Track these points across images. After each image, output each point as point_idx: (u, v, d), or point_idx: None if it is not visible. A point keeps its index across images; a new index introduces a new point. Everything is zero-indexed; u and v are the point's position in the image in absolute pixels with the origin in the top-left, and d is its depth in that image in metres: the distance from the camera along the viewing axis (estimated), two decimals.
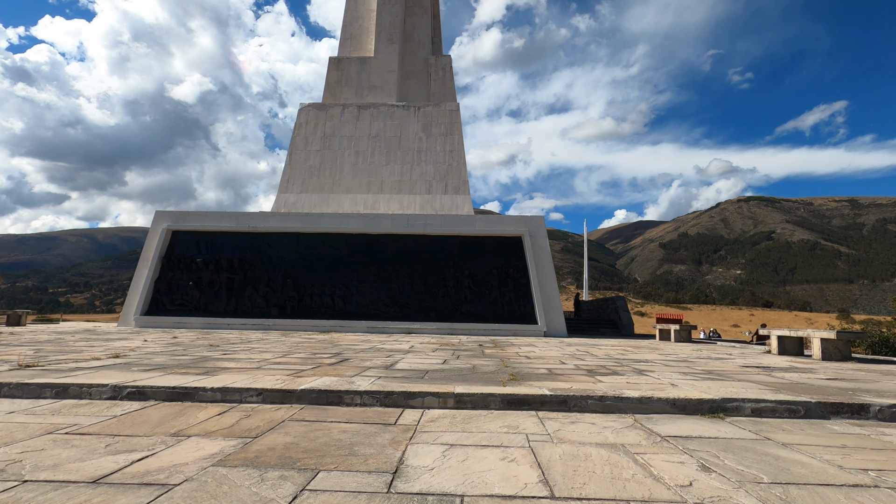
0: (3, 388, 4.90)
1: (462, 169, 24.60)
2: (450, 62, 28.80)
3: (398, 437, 3.60)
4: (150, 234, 21.03)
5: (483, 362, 7.93)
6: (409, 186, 24.61)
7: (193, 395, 4.78)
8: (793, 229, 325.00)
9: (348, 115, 25.89)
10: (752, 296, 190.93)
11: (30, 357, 7.42)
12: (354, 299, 19.99)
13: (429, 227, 20.56)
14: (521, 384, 5.40)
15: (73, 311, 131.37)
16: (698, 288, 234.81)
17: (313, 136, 25.61)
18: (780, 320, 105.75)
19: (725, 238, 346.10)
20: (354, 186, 24.69)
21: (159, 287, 20.24)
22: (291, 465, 2.92)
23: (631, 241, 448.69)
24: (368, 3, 29.80)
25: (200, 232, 21.02)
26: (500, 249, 20.44)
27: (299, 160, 25.25)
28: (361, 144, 25.38)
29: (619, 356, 9.83)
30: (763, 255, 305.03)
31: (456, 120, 25.45)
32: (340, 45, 29.25)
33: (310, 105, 26.24)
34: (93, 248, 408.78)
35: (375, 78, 27.72)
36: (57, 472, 2.75)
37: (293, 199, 24.52)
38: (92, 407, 4.46)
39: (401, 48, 28.54)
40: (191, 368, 6.34)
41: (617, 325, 26.55)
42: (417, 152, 25.15)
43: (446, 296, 19.89)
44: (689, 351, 12.02)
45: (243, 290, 20.25)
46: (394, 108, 26.00)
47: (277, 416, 4.20)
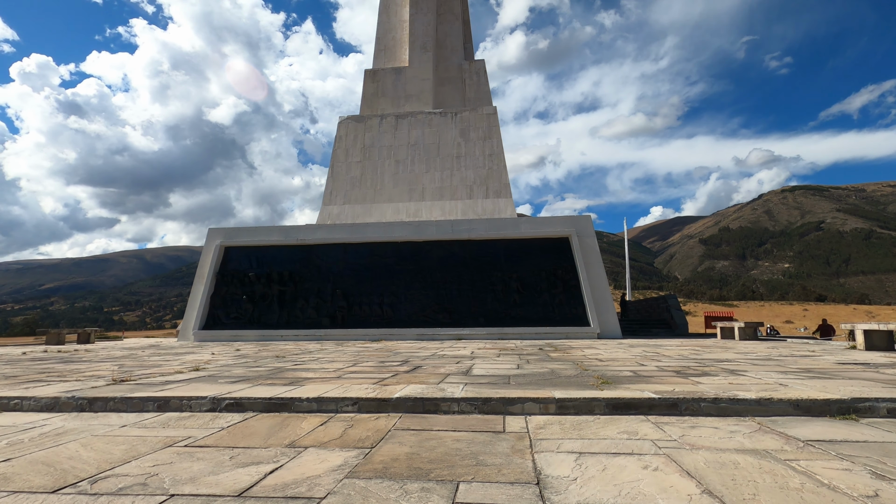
0: (108, 402, 5.04)
1: (503, 172, 24.41)
2: (483, 66, 28.74)
3: (516, 445, 3.46)
4: (205, 252, 21.73)
5: (557, 366, 7.71)
6: (450, 192, 24.59)
7: (290, 405, 4.79)
8: (844, 218, 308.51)
9: (386, 126, 26.15)
10: (802, 290, 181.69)
11: (117, 372, 7.68)
12: (403, 307, 20.03)
13: (474, 232, 20.45)
14: (617, 387, 5.17)
15: (127, 328, 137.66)
16: (744, 284, 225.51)
17: (353, 148, 25.98)
18: (838, 315, 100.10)
19: (770, 231, 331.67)
20: (396, 195, 24.87)
21: (215, 302, 20.86)
22: (425, 476, 2.82)
23: (669, 238, 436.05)
24: (401, 14, 30.14)
25: (251, 247, 21.58)
26: (546, 251, 20.10)
27: (341, 172, 25.64)
28: (401, 153, 25.57)
29: (694, 356, 9.40)
30: (813, 246, 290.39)
31: (494, 123, 25.32)
32: (375, 58, 29.66)
33: (348, 118, 26.66)
34: (142, 268, 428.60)
35: (411, 87, 27.93)
36: (198, 485, 2.74)
37: (337, 211, 24.89)
38: (196, 419, 4.51)
39: (434, 56, 28.69)
40: (273, 379, 6.39)
41: (669, 324, 25.66)
42: (457, 158, 25.13)
43: (495, 300, 19.68)
44: (765, 349, 11.40)
45: (294, 302, 20.63)
46: (431, 116, 26.11)
47: (380, 425, 4.13)
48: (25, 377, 7.26)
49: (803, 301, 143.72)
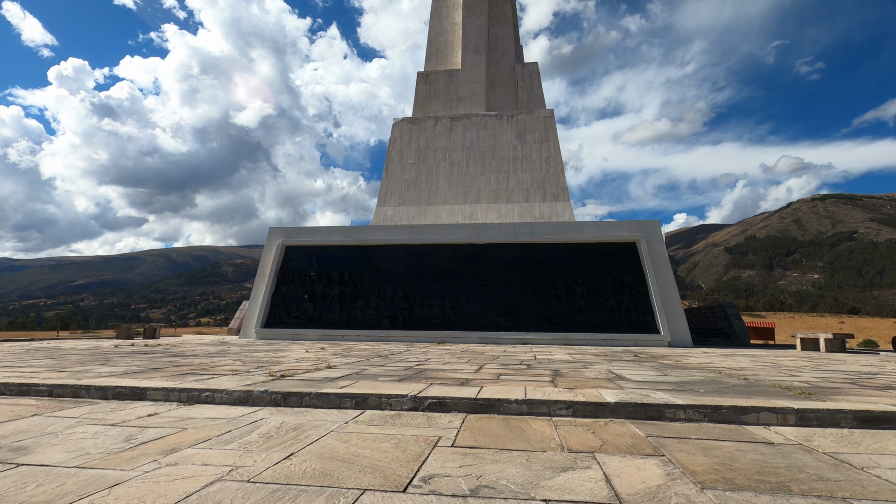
0: (304, 397, 4.95)
1: (560, 175, 24.13)
2: (537, 69, 28.53)
3: (821, 458, 3.23)
4: (266, 251, 21.91)
5: (701, 375, 7.42)
6: (506, 195, 24.39)
7: (498, 406, 4.63)
8: (878, 228, 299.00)
9: (441, 128, 26.11)
10: (835, 302, 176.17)
11: (247, 366, 7.65)
12: (464, 310, 19.86)
13: (536, 236, 20.20)
14: (828, 399, 4.89)
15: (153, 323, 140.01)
16: (771, 294, 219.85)
17: (408, 150, 25.99)
18: (878, 329, 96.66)
19: (799, 240, 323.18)
20: (451, 197, 24.77)
21: (276, 301, 20.99)
22: (806, 493, 2.62)
23: (692, 245, 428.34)
24: (452, 16, 30.15)
25: (312, 247, 21.68)
26: (612, 256, 19.74)
27: (395, 174, 25.67)
28: (455, 155, 25.48)
29: (830, 367, 8.99)
30: (844, 257, 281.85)
31: (551, 126, 25.07)
32: (427, 60, 29.70)
33: (403, 120, 26.71)
34: (168, 267, 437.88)
35: (463, 89, 27.87)
36: (565, 493, 2.58)
37: (391, 213, 24.89)
38: (413, 418, 4.38)
39: (487, 59, 28.60)
40: (431, 379, 6.26)
41: (728, 334, 24.96)
42: (513, 160, 24.93)
43: (559, 305, 19.37)
44: (878, 361, 10.90)
45: (355, 302, 20.64)
46: (486, 118, 25.98)
47: (626, 431, 3.93)
48: (170, 371, 7.28)
49: (836, 313, 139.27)
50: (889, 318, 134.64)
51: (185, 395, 5.20)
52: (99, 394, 5.38)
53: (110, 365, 8.17)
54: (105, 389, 5.40)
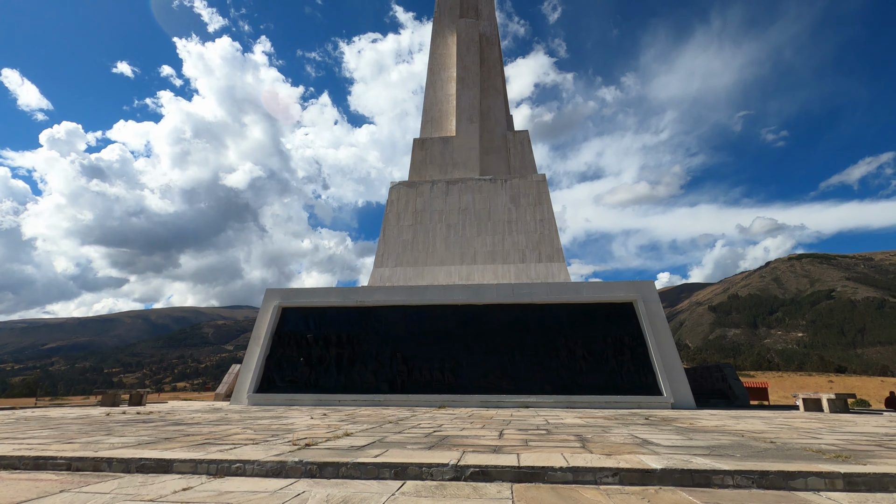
0: (340, 467, 4.82)
1: (554, 237, 24.73)
2: (527, 137, 29.97)
3: None
4: (262, 313, 21.64)
5: (726, 439, 7.38)
6: (502, 256, 24.79)
7: (542, 475, 4.57)
8: (855, 286, 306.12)
9: (437, 191, 26.89)
10: (821, 360, 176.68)
11: (264, 435, 7.40)
12: (464, 372, 19.55)
13: (535, 296, 20.37)
14: (874, 462, 4.93)
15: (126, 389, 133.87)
16: (758, 353, 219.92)
17: (405, 212, 26.55)
18: (865, 388, 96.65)
19: (780, 298, 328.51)
20: (448, 258, 25.07)
21: (270, 364, 20.47)
22: None
23: (677, 304, 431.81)
24: (447, 89, 31.91)
25: (309, 308, 21.49)
26: (611, 316, 19.89)
27: (392, 235, 26.04)
28: (452, 218, 26.07)
29: (847, 429, 9.00)
30: (825, 315, 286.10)
31: (543, 190, 25.99)
32: (422, 128, 31.05)
33: (400, 183, 27.48)
34: (146, 329, 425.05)
35: (458, 155, 29.00)
36: None
37: (388, 273, 25.01)
38: (456, 489, 4.29)
39: (480, 127, 30.02)
40: (456, 447, 6.13)
41: (727, 395, 24.79)
42: (508, 223, 25.57)
43: (560, 367, 19.22)
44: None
45: (352, 366, 20.21)
46: (481, 182, 26.89)
47: (680, 499, 3.91)
48: (184, 441, 7.01)
49: (823, 372, 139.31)
50: (875, 376, 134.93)
51: (213, 466, 5.02)
52: (122, 467, 5.17)
53: (116, 435, 7.83)
54: (128, 462, 5.20)
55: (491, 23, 33.53)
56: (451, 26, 33.42)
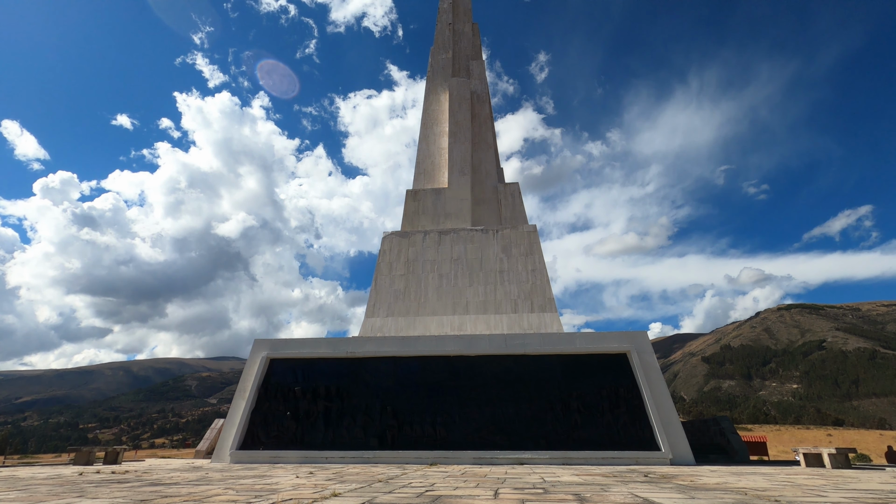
0: None
1: (546, 287, 24.79)
2: (518, 189, 30.66)
3: None
4: (248, 364, 21.11)
5: (730, 498, 7.13)
6: (494, 306, 24.70)
7: None
8: (845, 337, 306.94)
9: (429, 241, 27.10)
10: (817, 413, 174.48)
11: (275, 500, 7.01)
12: (457, 427, 18.96)
13: (528, 347, 20.15)
14: None
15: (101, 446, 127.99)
16: (754, 406, 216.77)
17: (397, 262, 26.62)
18: (864, 441, 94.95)
19: (773, 349, 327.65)
20: (440, 308, 24.92)
21: (255, 419, 19.75)
22: None
23: (671, 355, 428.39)
24: (439, 142, 32.89)
25: (297, 360, 21.02)
26: (605, 368, 19.65)
27: (384, 285, 25.96)
28: (444, 268, 26.15)
29: (846, 486, 8.74)
30: (818, 366, 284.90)
31: (535, 241, 26.31)
32: (415, 180, 31.71)
33: (392, 233, 27.71)
34: (127, 381, 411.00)
35: (450, 206, 29.49)
36: None
37: (380, 323, 24.72)
38: None
39: (471, 179, 30.73)
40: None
41: (725, 450, 24.16)
42: (499, 273, 25.67)
43: (555, 420, 18.73)
44: None
45: (341, 420, 19.54)
46: (473, 233, 27.20)
47: None
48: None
49: (820, 425, 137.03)
50: (874, 429, 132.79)
51: None
52: None
53: (89, 497, 7.39)
54: None
55: (482, 82, 35.09)
56: (444, 85, 34.91)
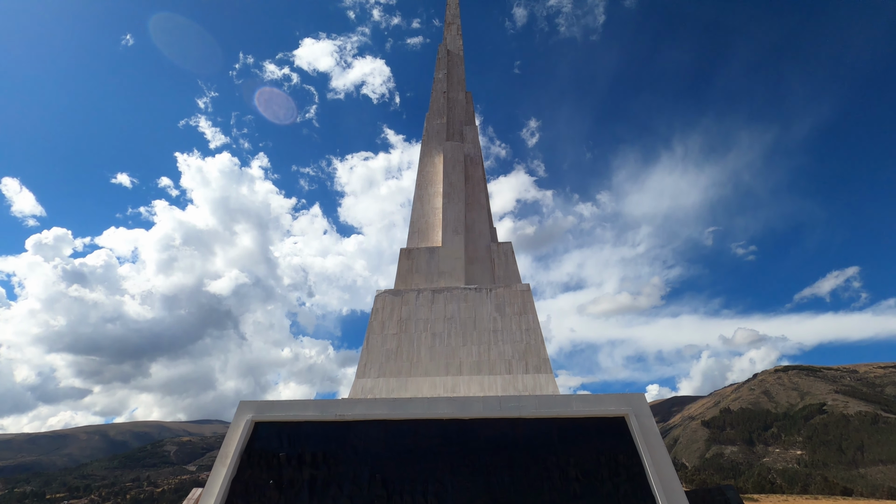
0: None
1: (541, 347, 24.45)
2: (511, 248, 30.99)
3: None
4: (232, 428, 20.21)
5: None
6: (488, 367, 24.20)
7: None
8: (845, 400, 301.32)
9: (423, 300, 26.95)
10: (824, 482, 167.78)
11: None
12: (449, 497, 17.94)
13: (523, 410, 19.53)
14: None
15: None
16: (759, 473, 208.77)
17: (389, 321, 26.31)
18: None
19: (773, 413, 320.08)
20: (432, 369, 24.36)
21: (235, 489, 18.63)
22: None
23: (669, 419, 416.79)
24: (433, 202, 33.58)
25: (283, 423, 20.19)
26: (602, 432, 18.98)
27: (376, 345, 25.50)
28: (437, 326, 25.84)
29: None
30: (821, 431, 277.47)
31: (528, 300, 26.25)
32: (409, 239, 32.05)
33: (385, 292, 27.60)
34: (103, 446, 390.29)
35: (444, 265, 29.61)
36: None
37: (370, 385, 24.03)
38: None
39: (465, 238, 31.10)
40: None
41: None
42: (493, 332, 25.37)
43: (552, 490, 17.81)
44: None
45: (326, 490, 18.47)
46: (466, 291, 27.14)
47: None
48: None
49: (829, 495, 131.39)
50: (884, 499, 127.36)
51: None
52: None
53: None
54: None
55: (475, 145, 36.40)
56: (438, 148, 36.14)
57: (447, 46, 41.81)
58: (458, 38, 42.55)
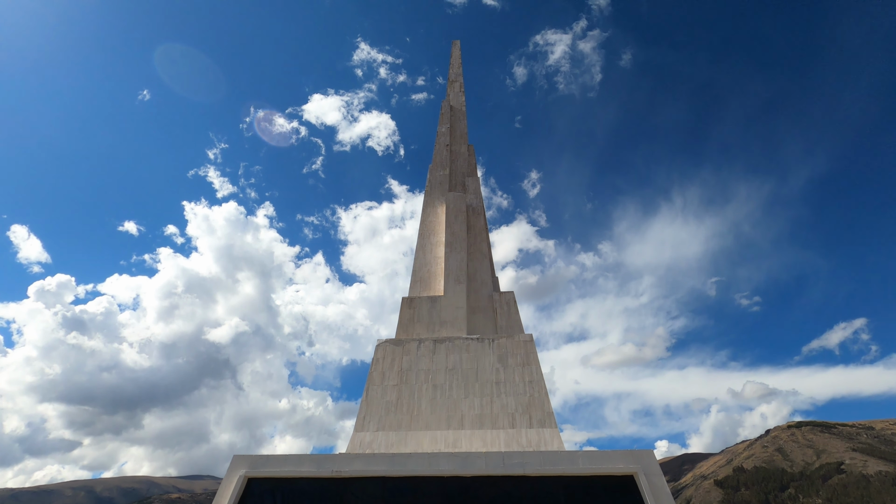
0: None
1: (545, 400, 23.82)
2: (513, 298, 30.85)
3: None
4: (224, 484, 19.42)
5: None
6: (490, 421, 23.49)
7: None
8: (864, 459, 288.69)
9: (424, 350, 26.57)
10: None
11: None
12: None
13: (528, 467, 18.76)
14: None
15: None
16: None
17: (390, 372, 25.83)
18: None
19: (789, 472, 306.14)
20: (433, 422, 23.65)
21: None
22: None
23: (681, 478, 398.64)
24: (435, 252, 33.79)
25: (277, 479, 19.41)
26: (611, 492, 18.15)
27: (376, 396, 24.91)
28: (439, 378, 25.32)
29: None
30: (841, 492, 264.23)
31: (531, 350, 25.85)
32: (411, 287, 32.01)
33: (387, 341, 27.26)
34: (88, 503, 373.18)
35: (446, 314, 29.41)
36: None
37: (369, 438, 23.27)
38: None
39: (467, 287, 31.04)
40: None
41: None
42: (496, 384, 24.82)
43: None
44: None
45: None
46: (468, 342, 26.79)
47: None
48: None
49: None
50: None
51: None
52: None
53: None
54: None
55: (477, 196, 37.06)
56: (441, 198, 36.79)
57: (450, 102, 43.49)
58: (461, 94, 44.32)
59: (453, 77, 45.55)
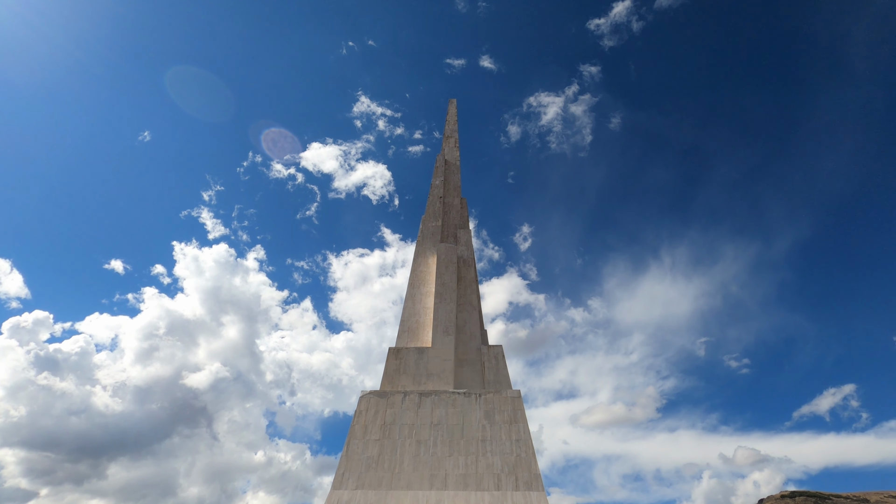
0: None
1: (532, 460, 22.97)
2: (502, 352, 30.43)
3: None
4: None
5: None
6: (475, 481, 22.49)
7: None
8: None
9: (409, 403, 25.81)
10: None
11: None
12: None
13: None
14: None
15: None
16: None
17: (373, 425, 24.93)
18: None
19: None
20: (415, 481, 22.59)
21: None
22: None
23: None
24: (425, 302, 33.56)
25: None
26: None
27: (357, 451, 23.88)
28: (423, 433, 24.45)
29: None
30: None
31: (519, 407, 25.21)
32: (398, 337, 31.53)
33: (371, 393, 26.49)
34: None
35: (433, 366, 28.82)
36: None
37: (347, 497, 22.09)
38: None
39: (455, 339, 30.63)
40: None
41: None
42: (482, 441, 23.98)
43: None
44: None
45: None
46: (454, 396, 26.11)
47: None
48: None
49: None
50: None
51: None
52: None
53: None
54: None
55: (468, 248, 37.33)
56: (432, 249, 36.99)
57: (445, 156, 44.70)
58: (456, 149, 45.66)
59: (449, 133, 47.07)
